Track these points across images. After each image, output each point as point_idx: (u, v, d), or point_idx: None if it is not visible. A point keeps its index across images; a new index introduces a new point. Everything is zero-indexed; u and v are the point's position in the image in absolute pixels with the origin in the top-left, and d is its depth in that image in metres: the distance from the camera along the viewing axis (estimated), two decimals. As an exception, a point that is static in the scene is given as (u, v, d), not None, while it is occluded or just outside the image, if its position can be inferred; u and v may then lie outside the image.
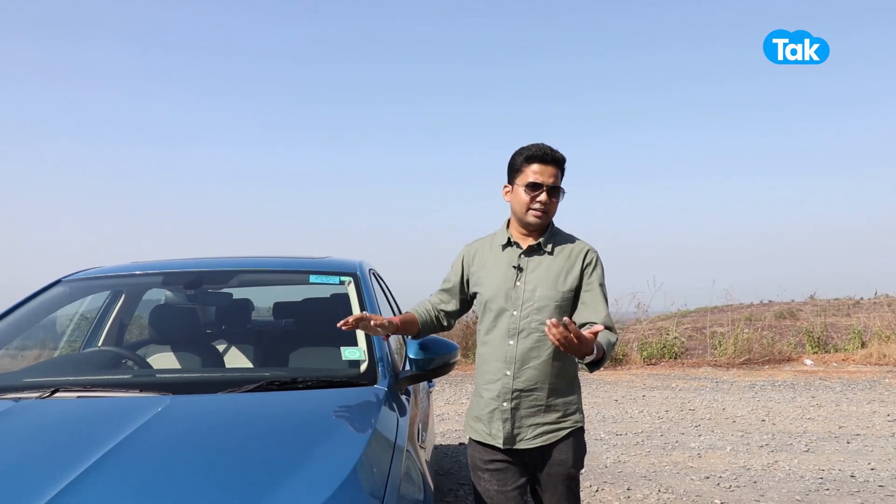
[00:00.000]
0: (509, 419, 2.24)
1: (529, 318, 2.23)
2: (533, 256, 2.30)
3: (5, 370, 2.60)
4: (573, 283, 2.27)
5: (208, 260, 3.20)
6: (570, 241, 2.36)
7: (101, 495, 1.38)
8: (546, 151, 2.26)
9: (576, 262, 2.29)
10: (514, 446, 2.26)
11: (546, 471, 2.29)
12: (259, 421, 1.89)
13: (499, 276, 2.31)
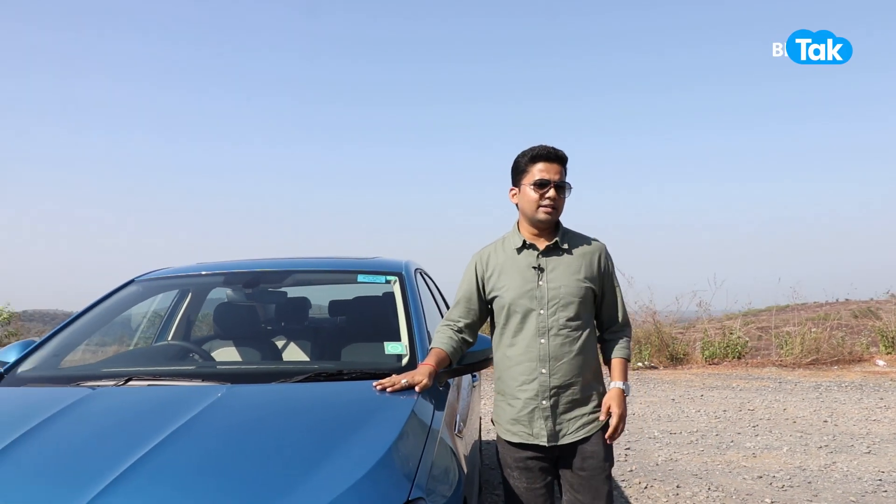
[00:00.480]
0: (550, 416, 2.30)
1: (557, 316, 2.31)
2: (551, 256, 2.38)
3: (86, 362, 2.88)
4: (592, 279, 2.37)
5: (265, 261, 3.42)
6: (583, 239, 2.46)
7: (165, 469, 1.57)
8: (549, 150, 2.36)
9: (593, 259, 2.39)
10: (559, 442, 2.32)
11: (579, 465, 2.32)
12: (305, 407, 2.07)
13: (519, 279, 2.36)
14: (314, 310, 3.88)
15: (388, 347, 2.57)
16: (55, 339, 2.79)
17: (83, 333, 2.87)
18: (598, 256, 2.42)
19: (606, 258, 2.45)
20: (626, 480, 4.82)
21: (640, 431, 6.51)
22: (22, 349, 2.72)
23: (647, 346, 12.63)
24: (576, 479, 2.33)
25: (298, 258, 3.54)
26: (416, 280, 3.13)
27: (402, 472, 1.66)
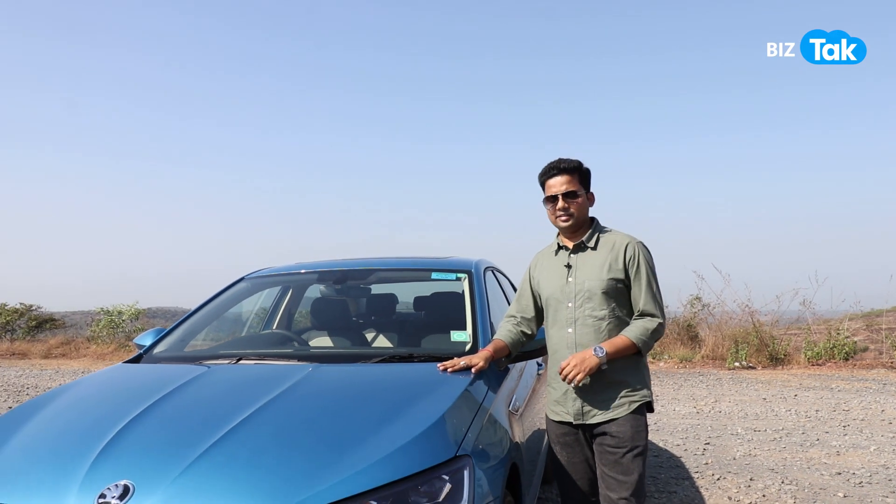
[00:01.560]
0: (579, 397, 2.55)
1: (583, 308, 2.56)
2: (579, 254, 2.65)
3: (205, 345, 3.42)
4: (617, 272, 2.55)
5: (354, 260, 3.88)
6: (612, 236, 2.66)
7: (264, 425, 2.01)
8: (553, 166, 2.64)
9: (618, 254, 2.57)
10: (585, 421, 2.55)
11: (608, 444, 2.49)
12: (377, 381, 2.48)
13: (554, 276, 2.67)
14: (400, 305, 4.29)
15: (453, 335, 2.94)
16: (181, 326, 3.35)
17: (203, 322, 3.42)
18: (624, 250, 2.58)
19: (634, 252, 2.58)
20: (699, 472, 4.96)
21: (724, 428, 6.55)
22: (155, 335, 3.29)
23: (745, 346, 12.34)
24: (605, 456, 2.51)
25: (382, 258, 3.97)
26: (485, 277, 3.47)
27: (451, 434, 2.01)
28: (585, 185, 2.69)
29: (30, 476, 1.88)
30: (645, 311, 2.56)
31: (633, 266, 2.57)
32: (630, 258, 2.58)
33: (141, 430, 2.03)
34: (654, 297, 2.58)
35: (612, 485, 2.49)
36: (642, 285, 2.56)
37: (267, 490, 1.71)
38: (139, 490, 1.72)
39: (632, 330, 2.52)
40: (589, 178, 2.72)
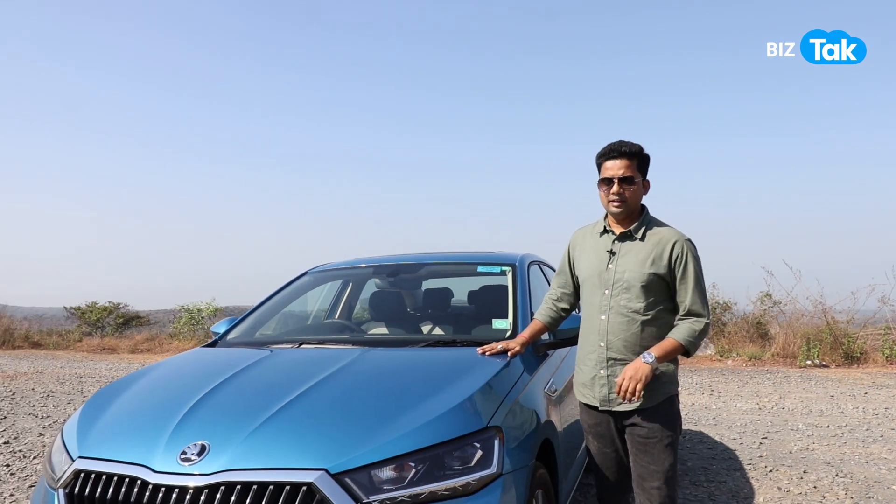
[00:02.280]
0: (605, 384, 2.56)
1: (619, 297, 2.54)
2: (625, 242, 2.59)
3: (272, 332, 3.75)
4: (660, 267, 2.50)
5: (406, 255, 4.14)
6: (660, 229, 2.59)
7: (320, 397, 2.29)
8: (613, 148, 2.56)
9: (664, 250, 2.51)
10: (611, 408, 2.56)
11: (637, 433, 2.53)
12: (422, 362, 2.73)
13: (594, 259, 2.64)
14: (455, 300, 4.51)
15: (495, 323, 3.17)
16: (251, 316, 3.70)
17: (269, 312, 3.76)
18: (671, 247, 2.51)
19: (682, 250, 2.51)
20: (752, 464, 4.99)
21: (784, 424, 6.50)
22: (228, 324, 3.65)
23: (817, 344, 11.99)
24: (635, 444, 2.55)
25: (433, 253, 4.22)
26: (529, 271, 3.66)
27: (484, 408, 2.23)
28: (643, 171, 2.61)
29: (125, 437, 2.21)
30: (692, 310, 2.50)
31: (679, 264, 2.51)
32: (677, 256, 2.51)
33: (215, 400, 2.34)
34: (702, 296, 2.52)
35: (644, 473, 2.52)
36: (689, 284, 2.50)
37: (320, 450, 1.98)
38: (213, 448, 2.02)
39: (679, 332, 2.48)
40: (647, 165, 2.63)
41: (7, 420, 7.28)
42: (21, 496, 4.48)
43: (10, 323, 19.08)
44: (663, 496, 2.50)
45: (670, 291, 2.57)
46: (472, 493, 2.00)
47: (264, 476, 1.92)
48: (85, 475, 2.11)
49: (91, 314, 19.60)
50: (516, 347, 2.72)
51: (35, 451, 5.81)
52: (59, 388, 10.00)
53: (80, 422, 2.40)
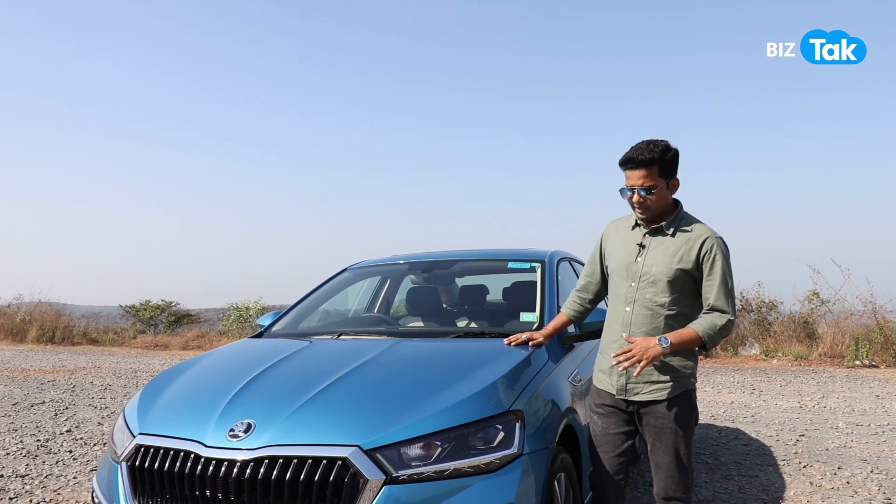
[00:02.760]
0: (624, 374, 2.59)
1: (645, 290, 2.57)
2: (657, 237, 2.61)
3: (314, 325, 3.96)
4: (688, 263, 2.52)
5: (442, 252, 4.32)
6: (692, 226, 2.59)
7: (356, 381, 2.49)
8: (630, 157, 2.54)
9: (693, 246, 2.53)
10: (627, 397, 2.60)
11: (652, 423, 2.57)
12: (451, 351, 2.91)
13: (624, 251, 2.67)
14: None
15: (522, 316, 3.32)
16: (294, 309, 3.94)
17: (311, 306, 3.98)
18: (701, 244, 2.53)
19: (711, 246, 2.52)
20: (786, 460, 5.01)
21: (824, 422, 6.46)
22: (273, 317, 3.89)
23: (866, 343, 11.74)
24: (651, 434, 2.59)
25: (466, 250, 4.39)
26: (558, 267, 3.79)
27: (507, 393, 2.39)
28: (668, 172, 2.57)
29: (180, 416, 2.44)
30: (716, 306, 2.51)
31: (707, 261, 2.53)
32: (706, 252, 2.53)
33: (260, 384, 2.56)
34: (728, 294, 2.52)
35: (659, 461, 2.59)
36: (716, 281, 2.51)
37: (354, 428, 2.17)
38: (258, 426, 2.23)
39: (700, 323, 2.50)
40: (675, 163, 2.60)
41: (69, 410, 7.71)
42: (83, 479, 4.80)
43: (69, 321, 19.96)
44: (677, 483, 2.57)
45: (696, 288, 2.58)
46: (494, 471, 2.16)
47: (304, 451, 2.12)
48: (144, 450, 2.35)
49: (144, 312, 20.37)
50: (539, 338, 2.87)
51: (95, 438, 6.17)
52: (116, 381, 10.49)
53: (140, 403, 2.65)
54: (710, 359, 12.82)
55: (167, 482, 2.25)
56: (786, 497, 4.13)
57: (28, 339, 19.22)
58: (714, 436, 5.95)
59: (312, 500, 2.07)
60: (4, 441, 6.05)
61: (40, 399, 8.55)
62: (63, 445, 5.89)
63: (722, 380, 9.80)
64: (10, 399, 8.55)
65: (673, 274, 2.54)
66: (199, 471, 2.18)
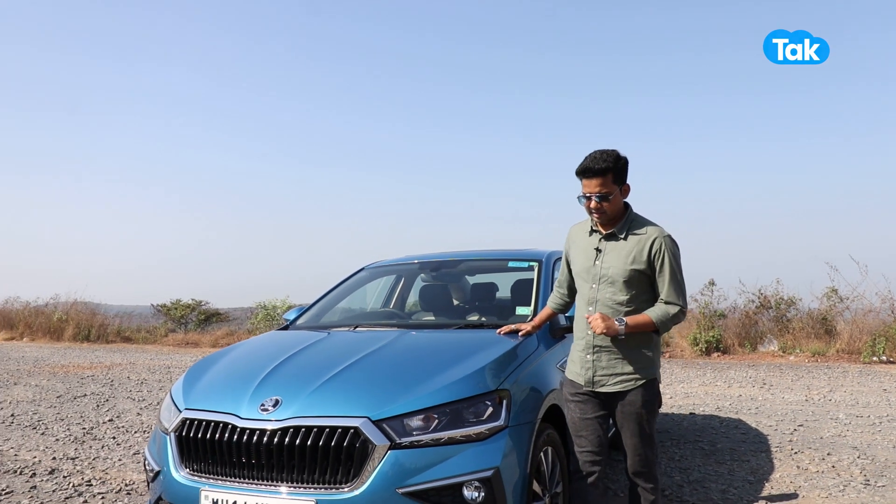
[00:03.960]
0: (591, 367, 2.83)
1: (604, 290, 2.80)
2: (611, 241, 2.84)
3: (334, 318, 4.38)
4: (640, 263, 2.75)
5: (450, 252, 4.71)
6: (643, 227, 2.81)
7: (368, 364, 2.90)
8: (587, 167, 2.74)
9: (644, 247, 2.75)
10: (594, 389, 2.83)
11: (620, 409, 2.81)
12: (451, 340, 3.30)
13: (584, 256, 2.91)
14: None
15: (518, 310, 3.70)
16: (316, 305, 4.36)
17: (332, 302, 4.40)
18: (651, 243, 2.75)
19: (660, 245, 2.74)
20: (779, 447, 5.30)
21: (825, 414, 6.71)
22: (297, 312, 4.32)
23: (882, 340, 11.85)
24: (619, 419, 2.83)
25: (472, 250, 4.77)
26: (554, 265, 4.15)
27: (496, 374, 2.77)
28: (620, 179, 2.78)
29: (219, 394, 2.86)
30: (668, 299, 2.75)
31: (658, 259, 2.74)
32: (656, 252, 2.75)
33: (286, 367, 2.97)
34: (678, 287, 2.75)
35: (629, 442, 2.83)
36: (666, 277, 2.74)
37: (364, 403, 2.57)
38: (284, 402, 2.64)
39: (654, 310, 2.74)
40: (624, 172, 2.80)
41: (109, 402, 8.24)
42: (127, 461, 5.27)
43: (103, 319, 20.75)
44: (644, 461, 2.84)
45: (651, 285, 2.81)
46: (482, 440, 2.55)
47: (322, 422, 2.52)
48: (189, 422, 2.77)
49: (175, 311, 21.08)
50: (527, 328, 3.22)
51: (134, 427, 6.67)
52: (151, 376, 11.05)
53: (185, 384, 3.08)
54: (727, 355, 13.03)
55: (209, 449, 2.67)
56: (771, 479, 4.44)
57: (65, 337, 20.04)
58: (715, 426, 6.25)
59: (329, 463, 2.47)
60: (53, 429, 6.57)
61: (82, 392, 9.11)
62: (107, 433, 6.39)
63: (735, 375, 10.04)
64: (55, 392, 9.12)
65: (628, 274, 2.77)
66: (236, 439, 2.59)
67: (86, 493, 4.37)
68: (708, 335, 13.36)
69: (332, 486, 2.46)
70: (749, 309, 14.12)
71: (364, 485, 2.43)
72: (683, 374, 10.37)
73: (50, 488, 4.50)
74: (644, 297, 2.81)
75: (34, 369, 12.20)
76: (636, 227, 2.84)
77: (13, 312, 22.40)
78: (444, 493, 2.45)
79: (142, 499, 4.21)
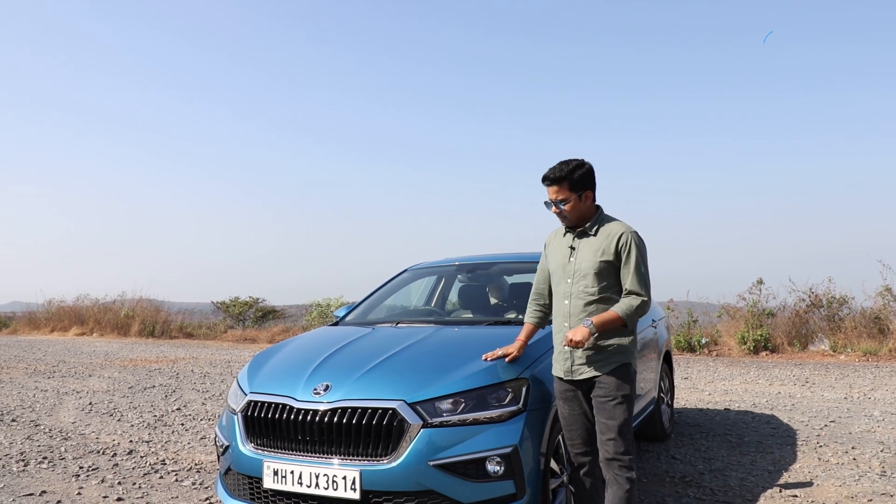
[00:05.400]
0: (569, 357, 3.01)
1: (578, 284, 3.00)
2: (583, 239, 3.06)
3: (380, 315, 4.81)
4: (609, 255, 2.95)
5: (486, 255, 5.10)
6: (611, 225, 3.04)
7: (408, 355, 3.32)
8: (547, 176, 3.01)
9: (612, 241, 2.96)
10: (573, 377, 2.99)
11: (595, 395, 2.95)
12: (479, 335, 3.69)
13: (560, 254, 3.11)
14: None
15: None
16: (363, 303, 4.81)
17: (377, 301, 4.84)
18: (618, 238, 2.96)
19: (627, 240, 2.95)
20: (806, 441, 5.50)
21: (860, 411, 6.82)
22: (346, 309, 4.78)
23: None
24: (595, 404, 2.96)
25: (505, 253, 5.14)
26: None
27: (518, 364, 3.14)
28: (579, 188, 3.00)
29: (279, 380, 3.32)
30: (631, 290, 2.94)
31: (624, 252, 2.96)
32: (622, 245, 2.96)
33: (336, 357, 3.41)
34: (641, 279, 2.94)
35: (602, 428, 2.93)
36: (631, 268, 2.95)
37: (403, 387, 2.98)
38: (334, 387, 3.07)
39: (619, 306, 2.92)
40: (583, 180, 3.01)
41: (176, 393, 8.90)
42: (196, 444, 5.83)
43: (167, 316, 21.87)
44: (617, 447, 2.89)
45: (619, 277, 3.00)
46: (503, 421, 2.93)
47: (365, 403, 2.95)
48: (254, 404, 3.23)
49: (234, 308, 22.03)
50: (513, 352, 3.21)
51: (200, 415, 7.26)
52: (213, 370, 11.76)
53: (249, 372, 3.55)
54: (775, 354, 13.02)
55: (270, 426, 3.13)
56: (791, 469, 4.67)
57: (131, 332, 21.22)
58: (747, 421, 6.46)
59: (371, 439, 2.90)
60: (128, 416, 7.22)
61: (150, 384, 9.84)
62: (175, 420, 7.00)
63: (779, 374, 10.10)
64: (126, 384, 9.88)
65: (598, 266, 2.97)
66: (293, 418, 3.04)
67: (161, 471, 4.92)
68: (755, 334, 13.35)
69: (373, 459, 2.88)
70: (800, 308, 14.04)
71: (400, 458, 2.84)
72: (727, 372, 10.49)
73: (130, 466, 5.06)
74: (614, 288, 3.00)
75: (105, 362, 13.10)
76: (605, 225, 3.07)
77: (83, 309, 23.82)
78: (469, 466, 2.84)
79: (210, 477, 4.72)
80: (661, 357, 5.53)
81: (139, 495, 4.32)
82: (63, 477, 4.78)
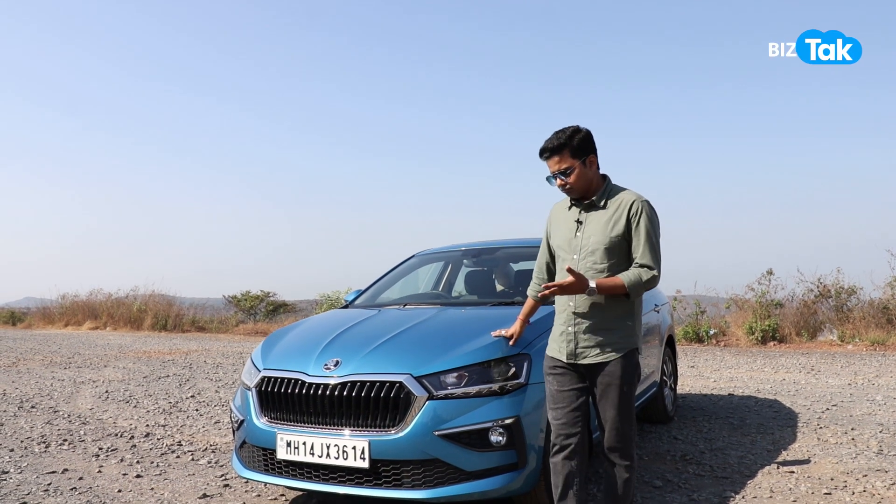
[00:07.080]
0: (573, 340, 2.80)
1: (586, 260, 2.78)
2: (591, 212, 2.84)
3: (386, 299, 4.94)
4: (620, 228, 2.74)
5: (491, 241, 5.22)
6: (621, 195, 2.82)
7: (413, 333, 3.46)
8: (543, 148, 2.82)
9: (623, 212, 2.75)
10: (577, 361, 2.79)
11: (599, 381, 2.78)
12: (482, 314, 3.82)
13: (565, 229, 2.91)
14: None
15: None
16: (371, 288, 4.95)
17: (385, 285, 4.98)
18: (629, 207, 2.76)
19: (638, 209, 2.75)
20: (807, 423, 5.60)
21: (863, 395, 6.90)
22: (355, 294, 4.93)
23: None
24: (598, 390, 2.79)
25: (511, 238, 5.26)
26: None
27: (520, 340, 3.26)
28: (581, 153, 2.79)
29: (291, 357, 3.47)
30: (642, 262, 2.73)
31: (634, 221, 2.75)
32: (633, 214, 2.75)
33: (345, 335, 3.56)
34: (652, 251, 2.73)
35: (605, 415, 2.78)
36: (642, 239, 2.74)
37: (409, 362, 3.12)
38: (343, 362, 3.21)
39: (627, 274, 2.70)
40: (584, 145, 2.79)
41: (190, 382, 9.09)
42: (210, 428, 6.00)
43: (179, 310, 22.12)
44: (621, 434, 2.77)
45: (630, 253, 2.79)
46: (505, 394, 3.06)
47: (373, 377, 3.09)
48: (267, 380, 3.37)
49: (245, 302, 22.26)
50: (515, 332, 3.24)
51: (213, 402, 7.44)
52: (225, 360, 11.96)
53: (262, 350, 3.70)
54: (783, 344, 13.07)
55: (283, 400, 3.27)
56: (790, 448, 4.78)
57: (144, 326, 21.47)
58: (750, 405, 6.56)
59: (380, 410, 3.04)
60: (144, 403, 7.41)
61: (164, 373, 10.03)
62: (190, 406, 7.17)
63: (785, 362, 10.17)
64: (141, 374, 10.07)
65: (609, 241, 2.77)
66: (305, 392, 3.18)
67: (178, 451, 5.08)
68: (763, 324, 13.40)
69: (382, 429, 3.02)
70: (808, 298, 14.08)
71: (407, 428, 2.97)
72: (734, 361, 10.57)
73: (147, 447, 5.24)
74: (625, 265, 2.80)
75: (119, 354, 13.33)
76: (614, 195, 2.86)
77: (97, 303, 24.13)
78: (472, 436, 2.98)
79: (224, 457, 4.88)
80: (663, 342, 5.64)
81: (157, 472, 4.49)
82: (84, 457, 4.95)
